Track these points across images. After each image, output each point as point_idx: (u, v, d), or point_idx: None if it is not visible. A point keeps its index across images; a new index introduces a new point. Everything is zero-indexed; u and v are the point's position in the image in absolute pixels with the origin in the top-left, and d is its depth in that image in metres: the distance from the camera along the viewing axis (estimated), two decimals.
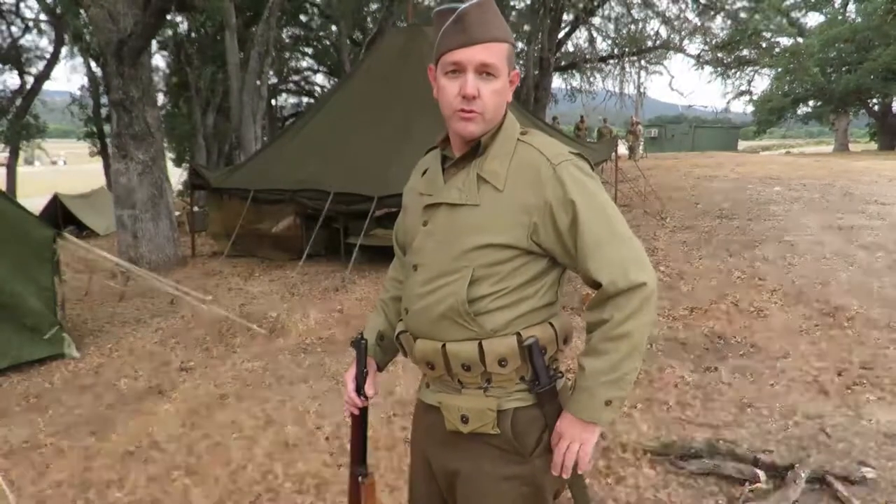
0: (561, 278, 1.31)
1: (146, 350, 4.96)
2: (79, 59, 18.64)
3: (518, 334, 1.23)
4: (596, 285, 1.21)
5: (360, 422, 1.42)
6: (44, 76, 18.30)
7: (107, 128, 18.10)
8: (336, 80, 20.88)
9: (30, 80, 18.55)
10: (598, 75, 22.01)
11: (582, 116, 21.09)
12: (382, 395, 3.71)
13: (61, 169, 48.37)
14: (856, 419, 3.17)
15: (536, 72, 17.05)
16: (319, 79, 26.14)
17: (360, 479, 1.40)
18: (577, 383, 1.22)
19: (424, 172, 1.38)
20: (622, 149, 16.49)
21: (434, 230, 1.29)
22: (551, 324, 1.27)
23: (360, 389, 1.39)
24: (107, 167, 17.64)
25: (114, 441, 3.38)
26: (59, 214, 13.55)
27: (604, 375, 1.18)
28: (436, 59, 1.25)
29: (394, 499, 2.63)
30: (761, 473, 2.60)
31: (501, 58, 1.21)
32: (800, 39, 21.81)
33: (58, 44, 17.86)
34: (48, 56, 18.36)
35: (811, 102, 33.87)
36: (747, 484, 2.58)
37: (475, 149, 1.26)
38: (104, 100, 17.16)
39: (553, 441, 1.25)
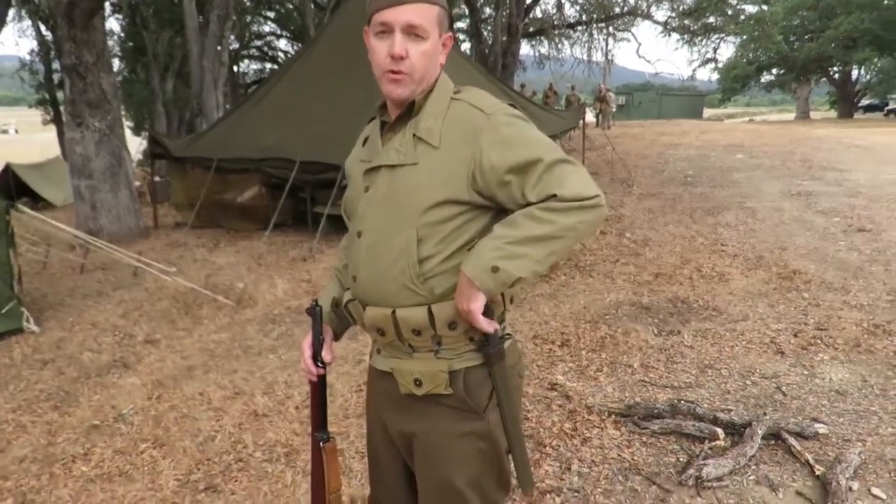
0: None
1: (109, 323, 4.86)
2: (27, 22, 17.72)
3: None
4: None
5: (318, 388, 1.43)
6: None
7: (60, 94, 17.36)
8: (300, 45, 20.35)
9: None
10: (566, 42, 21.91)
11: (551, 84, 21.04)
12: (352, 364, 3.72)
13: (13, 138, 46.42)
14: (810, 378, 3.31)
15: (504, 38, 16.86)
16: (283, 44, 25.46)
17: (321, 443, 1.41)
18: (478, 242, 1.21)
19: (365, 142, 1.38)
20: (589, 116, 16.52)
21: (375, 194, 1.28)
22: None
23: (317, 356, 1.39)
24: (61, 135, 16.96)
25: (78, 415, 3.33)
26: (13, 185, 13.03)
27: (502, 241, 1.15)
28: (367, 20, 1.24)
29: (365, 464, 2.66)
30: (720, 431, 2.70)
31: (430, 19, 1.21)
32: (765, 7, 21.96)
33: (4, 5, 16.92)
34: None
35: (774, 70, 34.46)
36: (707, 441, 2.68)
37: (409, 110, 1.26)
38: (56, 65, 16.42)
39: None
